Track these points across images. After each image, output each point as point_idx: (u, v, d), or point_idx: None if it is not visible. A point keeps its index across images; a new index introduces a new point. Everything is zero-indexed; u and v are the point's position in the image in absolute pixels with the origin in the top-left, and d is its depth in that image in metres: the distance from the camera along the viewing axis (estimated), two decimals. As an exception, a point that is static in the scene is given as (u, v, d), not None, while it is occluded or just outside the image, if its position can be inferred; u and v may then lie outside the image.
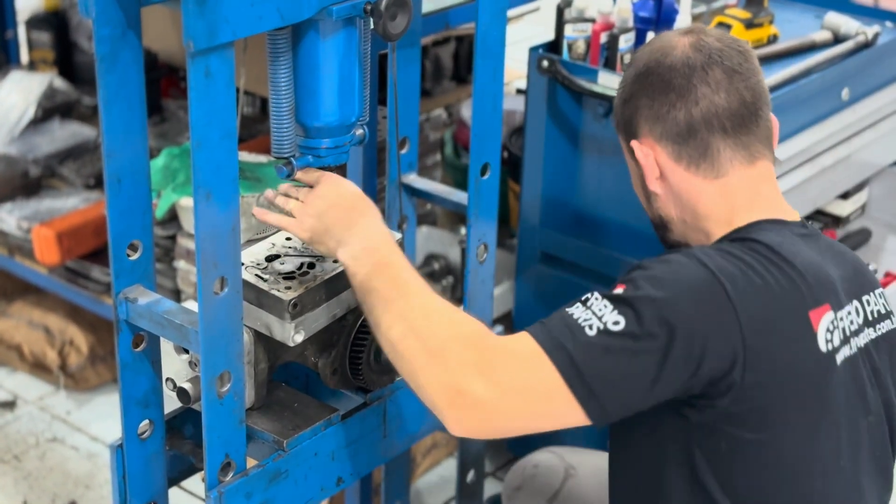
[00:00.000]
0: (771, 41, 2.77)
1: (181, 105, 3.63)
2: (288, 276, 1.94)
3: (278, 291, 1.90)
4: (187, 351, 1.94)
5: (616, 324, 1.67)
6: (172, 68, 3.67)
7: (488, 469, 3.13)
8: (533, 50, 2.71)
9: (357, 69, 1.92)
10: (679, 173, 1.86)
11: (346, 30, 1.88)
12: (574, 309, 1.71)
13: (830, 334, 1.77)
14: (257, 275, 1.94)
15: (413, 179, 2.37)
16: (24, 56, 4.07)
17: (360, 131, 2.00)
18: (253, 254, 2.00)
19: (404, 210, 2.38)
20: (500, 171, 2.30)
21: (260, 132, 3.43)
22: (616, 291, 1.71)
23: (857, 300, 1.84)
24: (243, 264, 1.90)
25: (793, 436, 1.74)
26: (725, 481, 1.73)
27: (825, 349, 1.76)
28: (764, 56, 2.70)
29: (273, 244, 2.03)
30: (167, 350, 1.98)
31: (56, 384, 3.47)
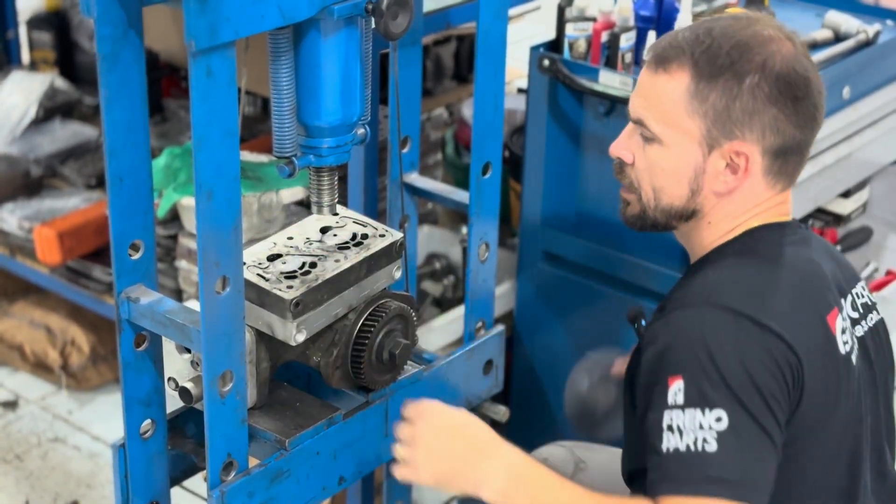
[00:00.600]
0: (772, 40, 2.76)
1: (182, 104, 3.63)
2: (290, 276, 1.94)
3: (280, 291, 1.90)
4: (189, 350, 1.94)
5: (718, 420, 1.63)
6: (174, 68, 3.68)
7: (490, 468, 3.13)
8: (534, 49, 2.71)
9: (358, 68, 1.92)
10: (756, 180, 1.80)
11: (348, 29, 1.88)
12: (668, 442, 1.65)
13: (843, 335, 1.77)
14: (259, 274, 1.94)
15: (414, 178, 2.37)
16: (26, 56, 4.07)
17: (362, 130, 2.00)
18: (254, 253, 2.00)
19: (405, 209, 2.38)
20: (502, 171, 2.30)
21: (261, 132, 3.43)
22: (680, 395, 1.65)
23: (849, 295, 1.85)
24: (245, 263, 1.90)
25: (828, 435, 1.74)
26: None
27: (843, 351, 1.77)
28: (765, 55, 2.70)
29: (275, 243, 2.03)
30: (169, 349, 1.98)
31: (58, 384, 3.47)
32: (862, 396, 1.81)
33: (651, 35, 2.57)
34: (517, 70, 3.46)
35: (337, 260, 1.99)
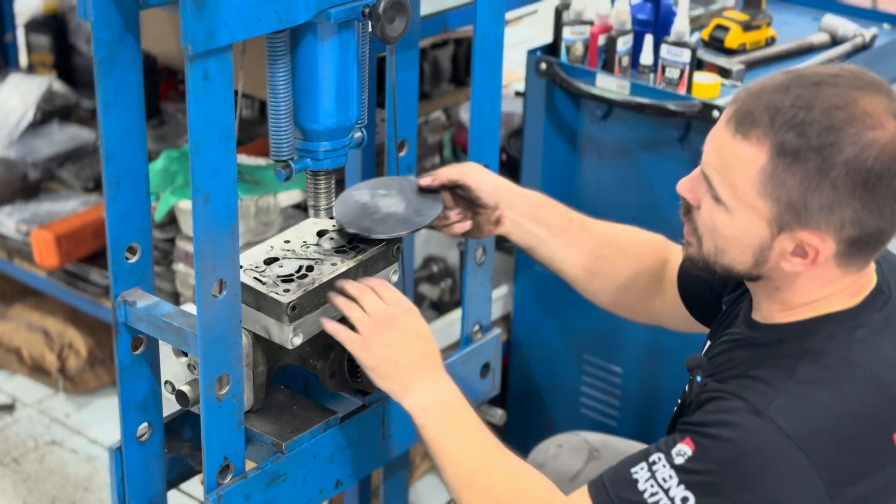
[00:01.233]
0: (769, 43, 2.77)
1: (180, 108, 3.63)
2: (286, 279, 1.94)
3: (277, 294, 1.90)
4: (186, 354, 1.94)
5: (685, 500, 1.60)
6: (171, 71, 3.68)
7: (487, 471, 3.13)
8: (531, 52, 2.72)
9: (355, 72, 1.92)
10: (827, 265, 1.65)
11: (345, 33, 1.88)
12: (638, 472, 1.64)
13: None
14: (256, 277, 1.94)
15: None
16: (23, 59, 4.07)
17: (359, 134, 2.00)
18: (251, 256, 2.00)
19: (403, 212, 2.38)
20: (499, 173, 2.30)
21: (258, 135, 3.43)
22: (682, 460, 1.62)
23: None
24: (242, 267, 1.90)
25: None
26: None
27: None
28: (762, 58, 2.71)
29: (271, 247, 2.03)
30: (166, 353, 1.98)
31: (55, 387, 3.47)
32: None
33: (648, 39, 2.57)
34: (514, 73, 3.46)
35: (334, 263, 1.99)
